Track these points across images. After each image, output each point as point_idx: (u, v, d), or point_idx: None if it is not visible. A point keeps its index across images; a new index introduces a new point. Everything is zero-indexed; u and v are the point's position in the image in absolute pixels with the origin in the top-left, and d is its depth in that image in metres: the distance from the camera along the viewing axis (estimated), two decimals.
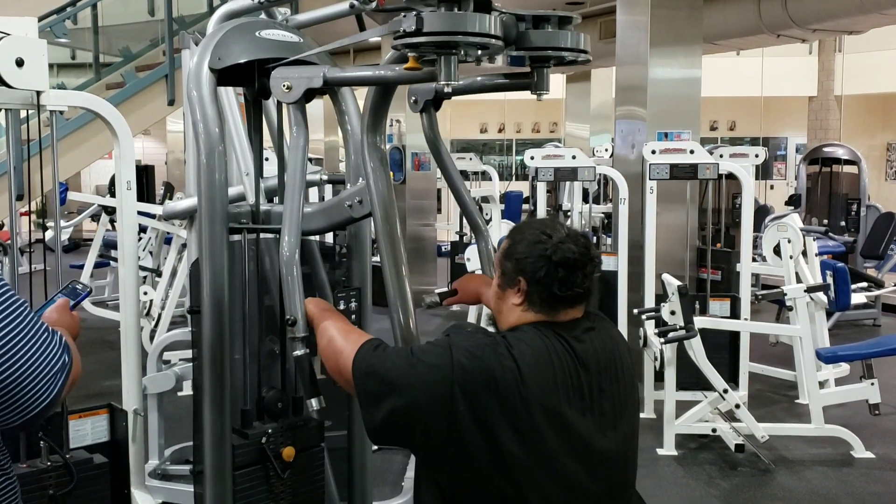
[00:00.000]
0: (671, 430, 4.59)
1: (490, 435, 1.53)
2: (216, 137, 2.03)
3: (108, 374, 5.73)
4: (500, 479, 1.55)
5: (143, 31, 8.59)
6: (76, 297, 1.88)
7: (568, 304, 1.66)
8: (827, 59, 14.75)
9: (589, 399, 1.61)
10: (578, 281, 1.63)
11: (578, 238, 1.66)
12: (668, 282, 4.57)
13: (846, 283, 5.94)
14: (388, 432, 1.65)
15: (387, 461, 4.33)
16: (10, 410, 1.38)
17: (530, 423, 1.54)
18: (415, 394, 1.56)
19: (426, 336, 1.79)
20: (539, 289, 1.64)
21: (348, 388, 1.69)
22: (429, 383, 1.55)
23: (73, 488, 2.46)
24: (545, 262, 1.62)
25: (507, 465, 1.54)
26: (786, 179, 16.25)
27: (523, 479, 1.55)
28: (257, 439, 2.23)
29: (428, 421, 1.56)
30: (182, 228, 6.12)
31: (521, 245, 1.66)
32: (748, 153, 6.46)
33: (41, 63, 2.37)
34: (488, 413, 1.53)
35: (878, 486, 4.16)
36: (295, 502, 2.40)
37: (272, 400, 2.29)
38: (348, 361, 1.67)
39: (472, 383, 1.53)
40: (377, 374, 1.61)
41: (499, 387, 1.53)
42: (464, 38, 1.62)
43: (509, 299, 1.69)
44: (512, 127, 17.73)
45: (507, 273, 1.69)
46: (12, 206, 2.74)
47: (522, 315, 1.67)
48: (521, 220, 9.97)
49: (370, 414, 1.62)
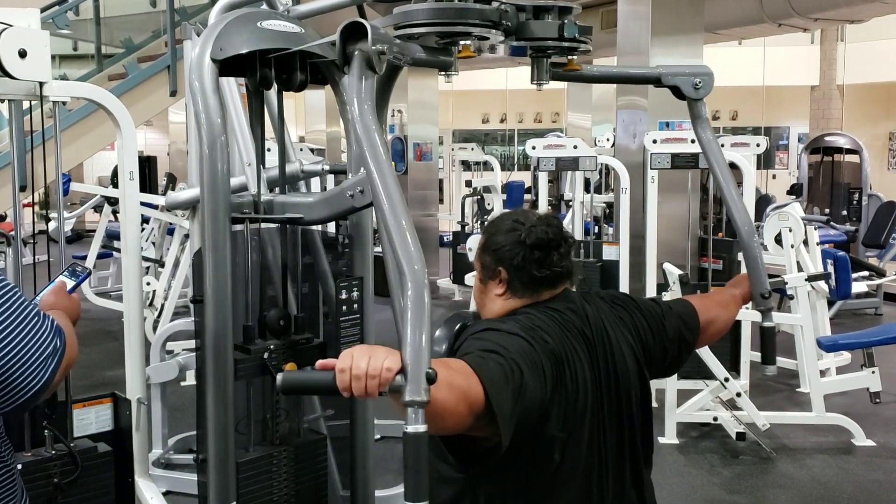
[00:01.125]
0: (672, 419, 4.61)
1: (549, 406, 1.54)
2: (218, 128, 2.04)
3: (112, 363, 5.77)
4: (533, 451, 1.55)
5: (144, 22, 8.58)
6: (76, 278, 1.86)
7: (548, 284, 1.69)
8: (829, 49, 14.71)
9: (592, 368, 1.65)
10: (555, 260, 1.67)
11: (551, 220, 1.71)
12: (670, 271, 4.58)
13: (847, 272, 5.95)
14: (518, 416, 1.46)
15: (389, 450, 4.35)
16: (2, 396, 1.38)
17: (567, 394, 1.56)
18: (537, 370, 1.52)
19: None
20: (519, 274, 1.67)
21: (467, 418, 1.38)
22: (540, 360, 1.54)
23: (77, 477, 2.48)
24: (521, 247, 1.66)
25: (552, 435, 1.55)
26: (788, 169, 16.21)
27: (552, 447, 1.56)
28: (259, 354, 2.27)
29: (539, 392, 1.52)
30: (184, 219, 6.13)
31: (497, 236, 1.71)
32: (749, 142, 6.44)
33: (44, 54, 2.37)
34: (553, 382, 1.54)
35: (879, 474, 4.18)
36: (297, 491, 2.42)
37: (274, 318, 2.33)
38: (479, 385, 1.39)
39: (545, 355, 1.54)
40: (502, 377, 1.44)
41: (553, 361, 1.55)
42: (465, 28, 1.62)
43: (491, 291, 1.73)
44: (514, 117, 17.70)
45: (487, 266, 1.72)
46: (16, 196, 2.75)
47: (506, 304, 1.71)
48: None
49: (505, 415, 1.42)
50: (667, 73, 2.07)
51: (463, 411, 1.34)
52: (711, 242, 5.83)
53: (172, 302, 6.24)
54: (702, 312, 1.95)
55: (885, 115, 15.91)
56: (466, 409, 1.34)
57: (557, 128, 15.77)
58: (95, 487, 2.54)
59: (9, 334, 1.38)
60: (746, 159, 5.31)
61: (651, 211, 5.11)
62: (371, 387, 1.22)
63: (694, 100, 2.06)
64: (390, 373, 1.22)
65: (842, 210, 9.69)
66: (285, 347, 2.33)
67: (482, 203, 9.50)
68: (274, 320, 2.34)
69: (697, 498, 3.90)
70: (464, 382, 1.35)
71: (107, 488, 2.57)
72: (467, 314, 1.86)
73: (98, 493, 2.54)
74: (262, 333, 2.35)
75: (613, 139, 8.62)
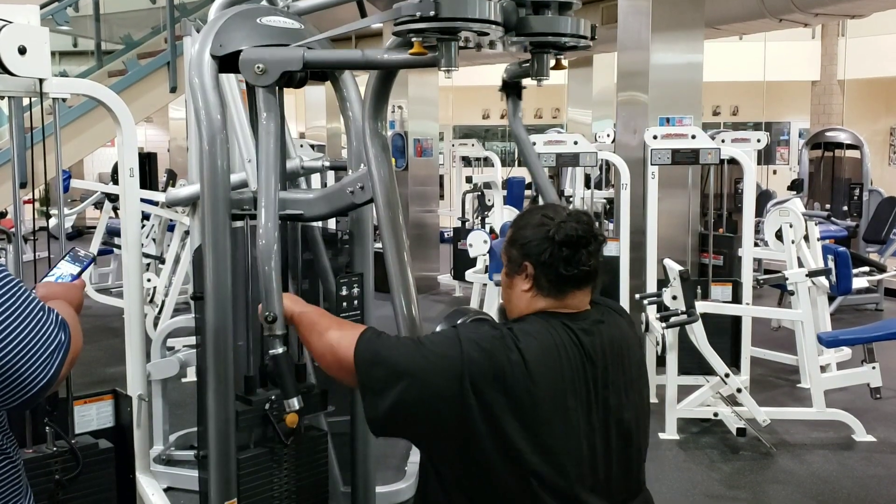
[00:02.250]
0: (673, 415, 4.61)
1: (496, 428, 1.51)
2: (218, 124, 2.04)
3: (113, 360, 5.78)
4: (505, 473, 1.53)
5: (144, 19, 8.58)
6: (80, 264, 1.81)
7: (575, 284, 1.65)
8: (830, 44, 14.68)
9: (594, 393, 1.60)
10: (583, 259, 1.63)
11: (581, 217, 1.66)
12: (670, 267, 4.58)
13: (848, 268, 5.94)
14: (392, 423, 1.60)
15: (390, 446, 4.36)
16: (8, 392, 1.37)
17: (535, 418, 1.53)
18: (425, 383, 1.54)
19: (428, 322, 1.79)
20: (546, 271, 1.63)
21: (348, 378, 1.65)
22: (439, 373, 1.53)
23: (78, 473, 2.49)
24: (549, 242, 1.61)
25: (512, 458, 1.53)
26: (788, 164, 16.19)
27: (528, 473, 1.53)
28: (260, 405, 2.26)
29: (436, 411, 1.54)
30: (185, 215, 6.13)
31: (525, 230, 1.66)
32: (750, 138, 6.45)
33: (43, 51, 2.37)
34: (495, 406, 1.51)
35: (880, 470, 4.18)
36: (298, 486, 2.43)
37: None
38: (349, 352, 1.62)
39: (482, 376, 1.52)
40: (385, 362, 1.58)
41: (506, 381, 1.52)
42: (465, 24, 1.62)
43: (518, 286, 1.68)
44: None
45: (514, 260, 1.68)
46: (16, 193, 2.75)
47: (532, 302, 1.66)
48: (523, 206, 9.98)
49: (374, 404, 1.58)
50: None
51: (331, 362, 1.70)
52: (712, 238, 5.83)
53: (173, 298, 6.24)
54: None
55: (886, 110, 15.89)
56: (334, 360, 1.68)
57: (558, 124, 15.75)
58: (97, 484, 2.54)
59: (13, 329, 1.36)
60: (747, 155, 5.31)
61: (651, 207, 5.11)
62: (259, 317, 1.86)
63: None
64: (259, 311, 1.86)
65: (842, 205, 9.68)
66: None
67: (483, 199, 9.49)
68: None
69: (697, 493, 3.91)
70: (336, 336, 1.70)
71: (108, 485, 2.58)
72: (468, 310, 1.86)
73: (99, 490, 2.55)
74: (263, 383, 2.33)
75: (614, 135, 8.61)
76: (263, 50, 1.95)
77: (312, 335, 1.77)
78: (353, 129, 2.40)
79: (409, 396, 1.54)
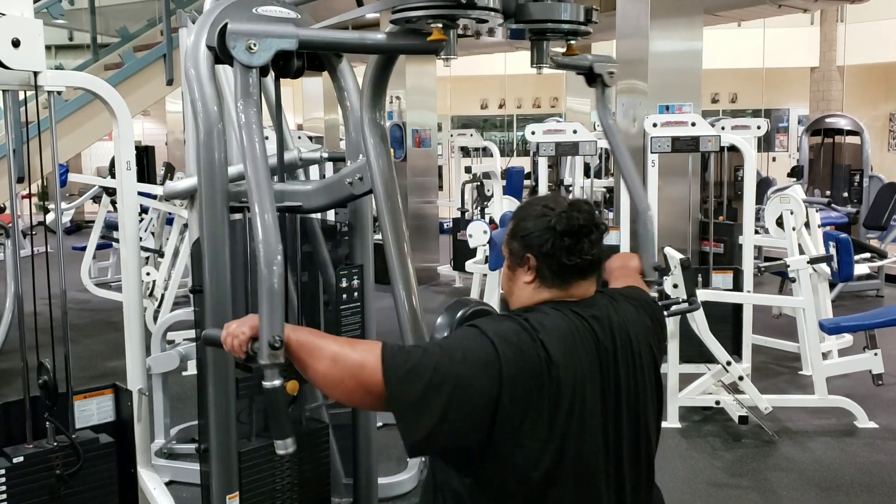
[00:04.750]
0: (675, 403, 4.61)
1: (523, 419, 1.48)
2: (215, 116, 2.02)
3: (113, 354, 5.77)
4: (528, 465, 1.50)
5: (140, 11, 8.54)
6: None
7: (578, 274, 1.63)
8: (829, 30, 14.64)
9: (607, 380, 1.59)
10: (586, 248, 1.61)
11: (581, 206, 1.64)
12: (671, 255, 4.57)
13: (849, 254, 5.92)
14: (437, 439, 1.47)
15: (392, 437, 4.35)
16: None
17: (559, 406, 1.50)
18: (468, 388, 1.46)
19: (429, 313, 1.78)
20: (548, 262, 1.61)
21: (372, 402, 1.51)
22: (479, 375, 1.46)
23: (79, 468, 2.48)
24: (551, 233, 1.60)
25: (537, 448, 1.50)
26: (788, 151, 16.16)
27: (550, 464, 1.51)
28: (261, 372, 2.25)
29: (478, 417, 1.47)
30: (183, 208, 6.11)
31: (526, 222, 1.64)
32: (750, 125, 6.43)
33: (38, 43, 2.35)
34: (525, 399, 1.48)
35: (882, 456, 4.18)
36: (300, 478, 2.42)
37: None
38: (377, 372, 1.46)
39: (516, 370, 1.47)
40: (420, 376, 1.45)
41: (534, 372, 1.49)
42: (463, 11, 1.60)
43: (520, 279, 1.66)
44: (512, 102, 17.63)
45: (516, 252, 1.66)
46: (12, 188, 2.73)
47: (535, 293, 1.65)
48: (522, 196, 9.97)
49: (416, 424, 1.46)
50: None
51: (352, 386, 1.49)
52: (712, 226, 5.82)
53: (172, 292, 6.23)
54: None
55: (886, 95, 15.86)
56: (356, 384, 1.48)
57: (556, 113, 15.72)
58: (98, 478, 2.54)
59: None
60: (747, 142, 5.28)
61: (651, 195, 5.09)
62: (234, 344, 1.58)
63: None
64: (244, 335, 1.56)
65: (843, 192, 9.66)
66: (287, 365, 2.30)
67: (482, 189, 9.48)
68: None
69: (700, 481, 3.90)
70: (355, 359, 1.49)
71: (109, 479, 2.57)
72: (469, 301, 1.84)
73: (101, 484, 2.54)
74: None
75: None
76: (254, 25, 1.78)
77: (320, 362, 1.52)
78: (351, 120, 2.39)
79: (454, 405, 1.45)
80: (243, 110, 1.71)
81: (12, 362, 5.06)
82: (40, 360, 2.49)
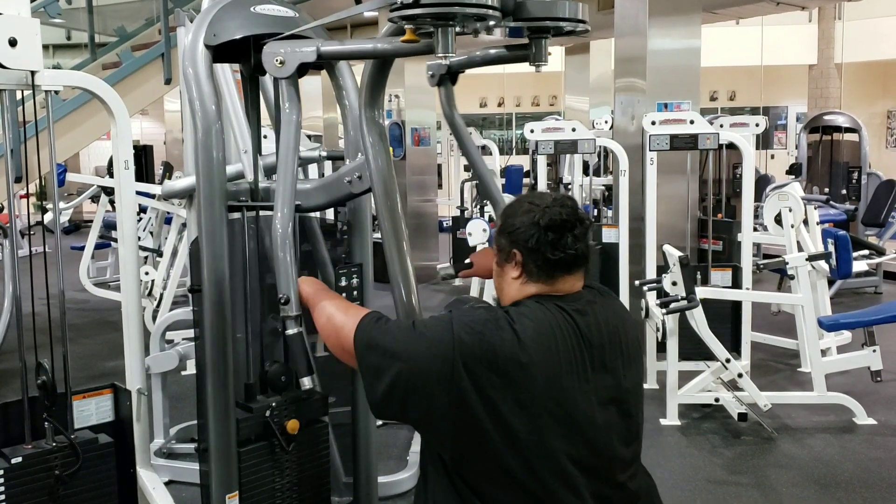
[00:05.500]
0: (674, 401, 4.61)
1: (492, 408, 1.53)
2: (213, 115, 2.02)
3: (112, 354, 5.77)
4: (504, 452, 1.54)
5: (138, 10, 8.53)
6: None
7: (564, 268, 1.67)
8: (827, 27, 14.64)
9: (591, 372, 1.62)
10: (570, 242, 1.65)
11: (565, 201, 1.69)
12: (670, 252, 4.57)
13: (847, 251, 5.93)
14: (390, 405, 1.63)
15: (392, 436, 4.36)
16: None
17: (531, 396, 1.54)
18: (417, 366, 1.57)
19: (429, 311, 1.79)
20: (534, 256, 1.66)
21: (351, 362, 1.70)
22: (431, 357, 1.56)
23: (78, 468, 2.48)
24: (535, 228, 1.64)
25: (510, 437, 1.54)
26: (786, 149, 16.17)
27: (526, 452, 1.54)
28: (261, 413, 2.24)
29: (430, 394, 1.56)
30: (181, 208, 6.11)
31: (512, 219, 1.69)
32: (748, 123, 6.43)
33: (35, 42, 2.34)
34: (490, 387, 1.53)
35: (880, 452, 4.18)
36: (300, 477, 2.42)
37: (275, 373, 2.30)
38: (350, 335, 1.68)
39: (473, 357, 1.54)
40: (379, 347, 1.62)
41: (499, 361, 1.53)
42: (461, 9, 1.60)
43: (508, 274, 1.71)
44: (511, 101, 17.64)
45: (503, 248, 1.71)
46: (10, 188, 2.73)
47: (522, 288, 1.69)
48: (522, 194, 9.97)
49: (372, 387, 1.63)
50: None
51: (334, 343, 1.76)
52: (711, 223, 5.82)
53: (171, 291, 6.22)
54: None
55: (883, 93, 15.86)
56: (337, 342, 1.75)
57: (555, 111, 15.72)
58: (97, 478, 2.53)
59: None
60: (745, 139, 5.28)
61: (650, 193, 5.10)
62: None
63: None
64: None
65: (841, 189, 9.65)
66: (287, 404, 2.30)
67: (481, 188, 9.48)
68: (275, 376, 2.30)
69: (699, 478, 3.91)
70: (340, 320, 1.76)
71: (108, 479, 2.57)
72: (469, 299, 1.86)
73: (100, 484, 2.54)
74: (263, 389, 2.31)
75: (612, 121, 8.59)
76: (283, 43, 1.99)
77: (321, 317, 1.83)
78: (349, 119, 2.38)
79: (402, 380, 1.58)
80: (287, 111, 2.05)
81: (11, 363, 5.05)
82: (39, 360, 2.49)
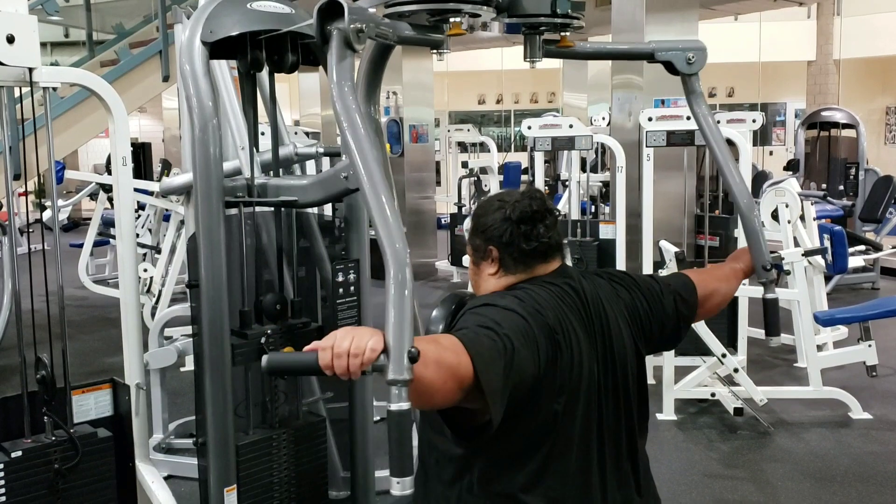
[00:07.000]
0: (670, 395, 4.63)
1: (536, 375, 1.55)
2: (210, 111, 2.03)
3: (111, 350, 5.78)
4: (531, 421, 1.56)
5: (136, 7, 8.53)
6: None
7: (539, 257, 1.71)
8: (825, 23, 14.64)
9: (593, 329, 1.68)
10: (542, 232, 1.69)
11: (534, 193, 1.74)
12: (666, 248, 4.59)
13: (844, 247, 5.95)
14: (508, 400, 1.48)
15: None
16: None
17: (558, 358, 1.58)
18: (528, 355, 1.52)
19: (426, 308, 1.80)
20: (509, 250, 1.70)
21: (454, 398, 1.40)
22: (523, 337, 1.52)
23: (78, 462, 2.49)
24: (507, 223, 1.69)
25: (539, 400, 1.56)
26: (784, 145, 16.18)
27: (550, 413, 1.57)
28: (256, 339, 2.27)
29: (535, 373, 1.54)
30: (180, 204, 6.12)
31: (485, 217, 1.73)
32: (746, 119, 6.42)
33: (32, 39, 2.35)
34: (550, 346, 1.57)
35: (876, 446, 4.20)
36: (298, 472, 2.43)
37: (270, 302, 2.33)
38: (469, 365, 1.39)
39: (539, 327, 1.56)
40: (495, 359, 1.44)
41: (547, 332, 1.57)
42: (456, 4, 1.61)
43: (485, 272, 1.75)
44: (510, 98, 17.62)
45: (478, 248, 1.75)
46: (9, 186, 2.74)
47: (499, 282, 1.73)
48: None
49: (502, 401, 1.45)
50: (660, 49, 2.06)
51: (452, 387, 1.36)
52: (708, 219, 5.83)
53: (170, 288, 6.23)
54: (700, 287, 1.98)
55: (882, 89, 15.86)
56: (455, 385, 1.36)
57: (553, 108, 15.71)
58: (96, 473, 2.55)
59: None
60: (743, 135, 5.29)
61: (647, 189, 5.10)
62: (353, 365, 1.24)
63: (687, 75, 2.05)
64: (374, 353, 1.24)
65: (839, 185, 9.66)
66: (282, 332, 2.33)
67: (479, 184, 9.48)
68: (270, 305, 2.34)
69: (696, 473, 3.92)
70: (453, 359, 1.37)
71: (108, 473, 2.58)
72: (464, 294, 1.86)
73: (99, 479, 2.55)
74: (258, 318, 2.35)
75: (609, 118, 8.59)
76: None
77: (426, 368, 1.31)
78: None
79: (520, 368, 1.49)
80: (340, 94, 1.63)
81: (10, 358, 5.06)
82: (38, 355, 2.50)
